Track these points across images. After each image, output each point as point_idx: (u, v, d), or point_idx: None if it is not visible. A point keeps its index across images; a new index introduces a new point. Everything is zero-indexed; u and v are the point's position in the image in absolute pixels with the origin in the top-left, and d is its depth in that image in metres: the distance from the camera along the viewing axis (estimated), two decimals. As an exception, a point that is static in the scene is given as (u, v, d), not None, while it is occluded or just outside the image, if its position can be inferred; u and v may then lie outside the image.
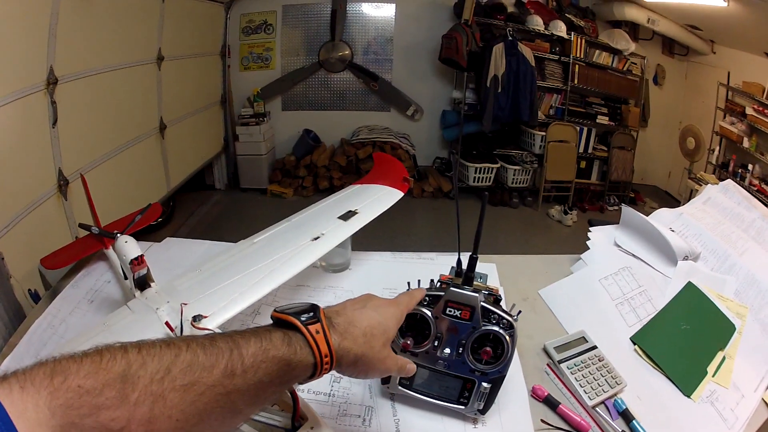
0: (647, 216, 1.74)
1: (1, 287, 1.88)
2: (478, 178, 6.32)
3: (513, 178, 6.28)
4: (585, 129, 6.33)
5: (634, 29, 6.41)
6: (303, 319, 0.72)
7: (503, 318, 1.05)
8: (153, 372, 0.56)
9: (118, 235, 1.56)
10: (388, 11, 6.51)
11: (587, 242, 1.70)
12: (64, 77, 3.13)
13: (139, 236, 1.55)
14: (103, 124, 3.79)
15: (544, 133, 6.14)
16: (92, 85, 3.58)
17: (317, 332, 0.71)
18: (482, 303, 1.05)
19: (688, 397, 1.25)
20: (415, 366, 0.94)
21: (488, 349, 1.05)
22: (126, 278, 1.50)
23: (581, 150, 6.37)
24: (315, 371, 0.72)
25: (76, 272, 1.92)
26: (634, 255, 1.62)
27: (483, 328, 1.05)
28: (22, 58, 2.83)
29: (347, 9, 6.45)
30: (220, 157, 6.83)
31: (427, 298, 1.07)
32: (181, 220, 5.91)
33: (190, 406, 0.58)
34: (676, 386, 1.26)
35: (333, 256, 1.71)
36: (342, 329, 0.76)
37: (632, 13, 6.05)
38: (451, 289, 1.06)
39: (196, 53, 5.78)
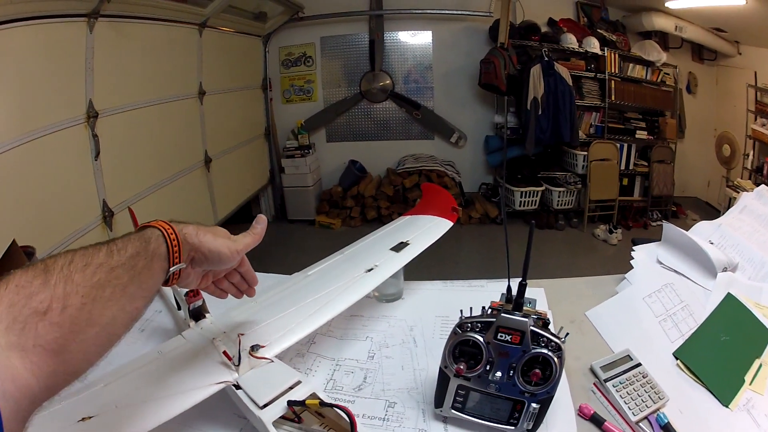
0: (688, 230, 1.73)
1: None
2: (524, 202, 6.29)
3: (558, 200, 6.23)
4: (625, 145, 6.24)
5: (663, 39, 6.35)
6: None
7: (552, 341, 1.06)
8: (62, 262, 0.71)
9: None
10: (424, 38, 6.57)
11: (631, 261, 1.70)
12: (104, 111, 3.26)
13: None
14: (147, 157, 3.92)
15: (585, 153, 6.08)
16: (134, 119, 3.70)
17: (167, 227, 0.89)
18: (531, 327, 1.07)
19: (726, 406, 1.24)
20: (262, 216, 1.19)
21: (537, 371, 1.06)
22: (179, 309, 1.54)
23: (623, 167, 6.28)
24: (169, 253, 0.88)
25: None
26: (676, 271, 1.62)
27: (533, 351, 1.06)
28: (59, 91, 2.96)
29: (384, 38, 6.53)
30: (267, 189, 6.95)
31: (479, 324, 1.10)
32: (230, 252, 5.92)
33: (88, 282, 0.72)
34: (715, 397, 1.26)
35: (386, 287, 1.73)
36: (184, 232, 0.93)
37: (660, 22, 5.99)
38: (502, 315, 1.08)
39: (237, 87, 5.93)
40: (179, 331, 1.46)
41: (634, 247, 1.75)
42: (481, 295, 1.73)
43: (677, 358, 1.37)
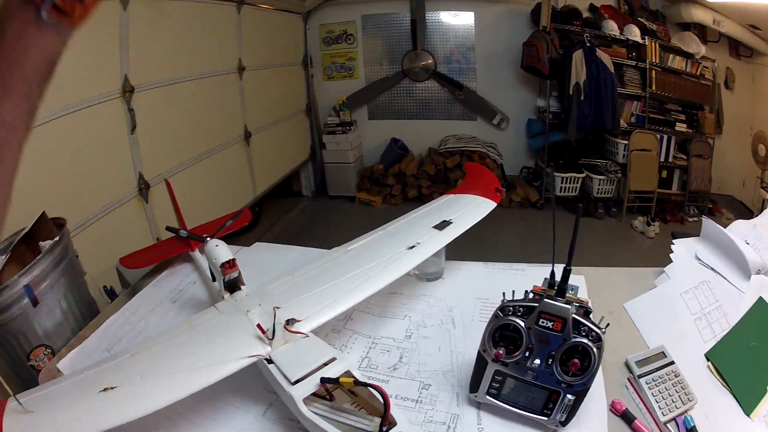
0: (725, 228, 1.69)
1: (76, 283, 1.94)
2: (565, 188, 6.20)
3: (598, 188, 6.11)
4: (665, 137, 6.09)
5: (702, 31, 6.13)
6: None
7: (592, 330, 1.04)
8: None
9: (208, 239, 1.58)
10: (467, 19, 6.48)
11: (671, 255, 1.67)
12: (140, 86, 3.29)
13: (227, 241, 1.58)
14: (185, 131, 3.95)
15: (626, 142, 5.96)
16: (171, 93, 3.73)
17: None
18: (573, 315, 1.05)
19: (748, 416, 1.21)
20: None
21: (576, 360, 1.04)
22: (214, 280, 1.53)
23: (662, 159, 6.12)
24: None
25: (158, 272, 2.00)
26: (713, 269, 1.58)
27: (573, 339, 1.04)
28: (95, 67, 2.98)
29: (426, 17, 6.46)
30: (307, 164, 7.00)
31: (521, 308, 1.08)
32: (268, 226, 6.04)
33: None
34: (739, 404, 1.24)
35: (427, 265, 1.71)
36: None
37: (698, 14, 5.80)
38: (545, 300, 1.06)
39: (277, 63, 5.94)
40: (213, 303, 1.45)
41: (674, 241, 1.72)
42: (521, 278, 1.70)
43: (708, 360, 1.34)
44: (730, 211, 6.07)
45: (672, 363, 1.26)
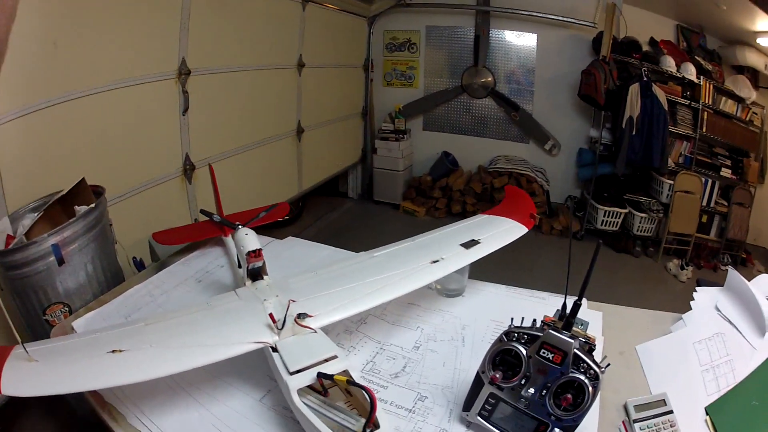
0: (751, 281, 1.65)
1: (105, 250, 2.03)
2: (606, 221, 6.10)
3: (639, 226, 6.00)
4: (710, 181, 5.93)
5: (755, 76, 5.95)
6: None
7: (591, 368, 1.04)
8: None
9: (240, 226, 1.63)
10: (529, 41, 6.42)
11: (691, 302, 1.65)
12: (197, 70, 3.37)
13: (264, 231, 1.62)
14: (236, 119, 4.02)
15: (672, 182, 5.82)
16: (227, 81, 3.81)
17: None
18: (575, 350, 1.05)
19: None
20: None
21: (569, 396, 1.04)
22: (240, 267, 1.57)
23: (704, 203, 5.95)
24: None
25: (189, 251, 2.07)
26: (730, 321, 1.55)
27: (570, 374, 1.05)
28: (154, 46, 3.08)
29: (489, 35, 6.44)
30: (357, 167, 7.04)
31: (525, 336, 1.09)
32: (309, 221, 6.11)
33: None
34: None
35: (449, 281, 1.73)
36: None
37: (752, 58, 5.65)
38: (549, 331, 1.07)
39: (338, 64, 6.00)
40: (235, 288, 1.50)
41: (696, 288, 1.70)
42: (541, 307, 1.70)
43: (707, 414, 1.32)
44: (763, 263, 5.92)
45: (670, 412, 1.25)
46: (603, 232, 6.10)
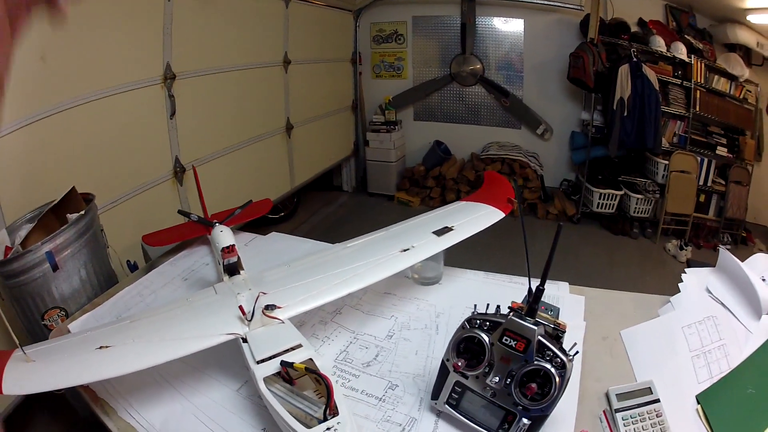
0: (746, 260, 1.59)
1: (97, 254, 2.08)
2: (602, 204, 6.10)
3: (635, 207, 6.00)
4: (705, 160, 5.91)
5: (747, 54, 5.92)
6: None
7: (557, 356, 1.02)
8: None
9: (216, 224, 1.68)
10: (517, 26, 6.42)
11: (679, 284, 1.59)
12: (182, 73, 3.40)
13: (258, 228, 1.65)
14: (225, 120, 4.05)
15: (667, 162, 5.81)
16: (213, 82, 3.83)
17: None
18: (540, 337, 1.03)
19: None
20: None
21: (533, 385, 1.02)
22: (220, 263, 1.61)
23: (701, 182, 5.93)
24: None
25: (177, 251, 2.12)
26: (722, 303, 1.50)
27: (535, 363, 1.02)
28: (138, 53, 3.11)
29: (476, 22, 6.44)
30: (350, 160, 7.05)
31: (488, 322, 1.08)
32: (305, 216, 6.13)
33: None
34: None
35: (425, 269, 1.74)
36: None
37: (743, 36, 5.61)
38: (511, 318, 1.05)
39: (325, 58, 5.99)
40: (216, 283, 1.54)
41: (685, 270, 1.64)
42: (519, 291, 1.69)
43: (699, 402, 1.26)
44: (763, 242, 5.91)
45: (657, 401, 1.20)
46: (599, 214, 6.12)
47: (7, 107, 2.25)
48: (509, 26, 6.42)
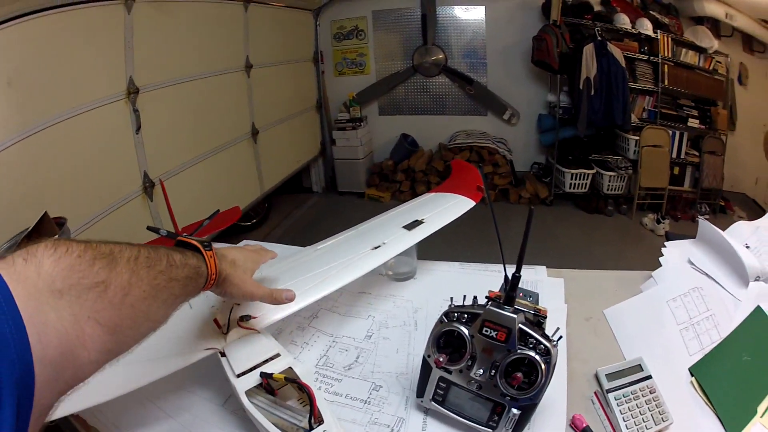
0: (729, 227, 1.61)
1: None
2: (574, 184, 6.16)
3: (608, 185, 6.06)
4: (677, 133, 6.01)
5: (715, 26, 6.01)
6: (204, 245, 0.99)
7: (541, 343, 0.99)
8: (128, 254, 0.77)
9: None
10: (477, 14, 6.45)
11: (660, 259, 1.58)
12: (145, 87, 3.37)
13: (232, 237, 1.62)
14: (191, 130, 4.02)
15: (638, 138, 5.89)
16: (177, 93, 3.79)
17: (210, 257, 0.98)
18: (521, 325, 1.01)
19: None
20: (293, 293, 1.19)
21: (519, 375, 1.00)
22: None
23: (674, 155, 6.05)
24: (206, 282, 0.98)
25: None
26: (707, 274, 1.48)
27: (518, 352, 1.00)
28: (100, 70, 3.07)
29: (437, 12, 6.45)
30: (317, 160, 7.04)
31: (465, 315, 1.06)
32: (277, 221, 6.10)
33: (152, 281, 0.79)
34: (723, 427, 1.13)
35: (398, 265, 1.71)
36: (219, 256, 1.03)
37: (711, 8, 5.70)
38: (489, 308, 1.03)
39: (287, 60, 5.98)
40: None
41: (665, 243, 1.64)
42: (496, 279, 1.68)
43: (692, 375, 1.25)
44: (743, 209, 5.97)
45: (649, 377, 1.18)
46: (572, 194, 6.19)
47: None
48: (470, 14, 6.46)
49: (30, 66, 2.56)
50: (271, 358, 1.14)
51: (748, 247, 1.53)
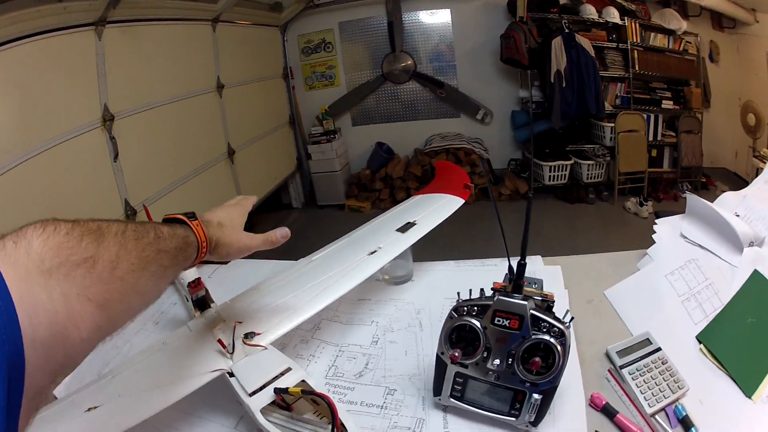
0: (713, 201, 1.61)
1: None
2: (553, 176, 6.21)
3: (588, 174, 6.13)
4: (652, 116, 6.11)
5: (683, 7, 6.12)
6: (189, 216, 0.99)
7: (554, 326, 0.99)
8: (116, 229, 0.76)
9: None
10: (443, 17, 6.51)
11: (653, 236, 1.61)
12: (120, 113, 3.35)
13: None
14: (168, 154, 3.99)
15: (613, 125, 5.97)
16: (152, 118, 3.77)
17: (197, 225, 0.98)
18: (532, 311, 1.00)
19: (749, 397, 1.13)
20: (287, 230, 1.23)
21: (537, 359, 0.99)
22: (188, 300, 1.55)
23: (651, 138, 6.15)
24: (198, 253, 0.97)
25: None
26: (700, 245, 1.51)
27: (533, 337, 0.99)
28: (73, 98, 3.04)
29: (403, 19, 6.49)
30: (295, 176, 7.00)
31: (476, 308, 1.05)
32: (259, 240, 6.00)
33: (140, 254, 0.78)
34: (739, 387, 1.15)
35: (395, 269, 1.70)
36: (205, 222, 1.02)
37: None
38: (499, 298, 1.02)
39: (257, 78, 5.97)
40: (188, 321, 1.47)
41: (656, 221, 1.66)
42: (493, 274, 1.66)
43: (700, 342, 1.27)
44: (725, 183, 6.07)
45: (659, 349, 1.21)
46: (553, 187, 6.24)
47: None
48: (436, 18, 6.51)
49: (1, 100, 2.53)
50: (283, 373, 1.12)
51: (738, 215, 1.55)
